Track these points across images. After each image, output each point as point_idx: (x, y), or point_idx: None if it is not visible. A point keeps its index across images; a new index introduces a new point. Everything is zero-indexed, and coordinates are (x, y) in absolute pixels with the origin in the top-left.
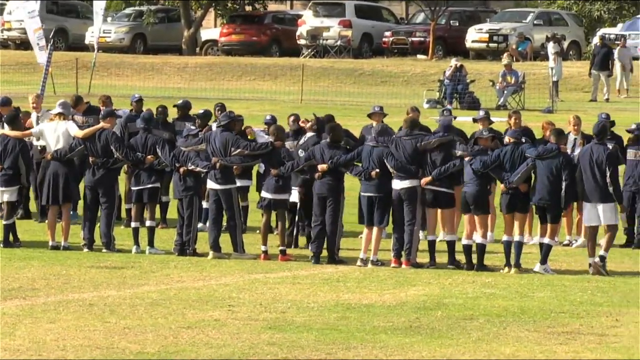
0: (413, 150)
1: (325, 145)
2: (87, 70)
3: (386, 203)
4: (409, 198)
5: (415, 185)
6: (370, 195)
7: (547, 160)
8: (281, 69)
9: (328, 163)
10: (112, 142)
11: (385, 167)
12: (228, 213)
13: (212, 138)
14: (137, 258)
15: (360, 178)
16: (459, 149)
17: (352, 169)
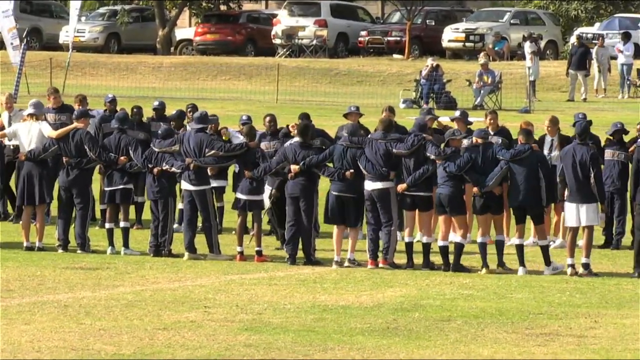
0: (386, 153)
1: (297, 146)
2: (62, 70)
3: (359, 203)
4: (381, 200)
5: (388, 187)
6: (343, 195)
7: (521, 161)
8: (256, 68)
9: (300, 164)
10: (85, 142)
11: (358, 168)
12: (203, 214)
13: (185, 138)
14: (112, 259)
15: (333, 179)
16: (431, 151)
17: (325, 170)
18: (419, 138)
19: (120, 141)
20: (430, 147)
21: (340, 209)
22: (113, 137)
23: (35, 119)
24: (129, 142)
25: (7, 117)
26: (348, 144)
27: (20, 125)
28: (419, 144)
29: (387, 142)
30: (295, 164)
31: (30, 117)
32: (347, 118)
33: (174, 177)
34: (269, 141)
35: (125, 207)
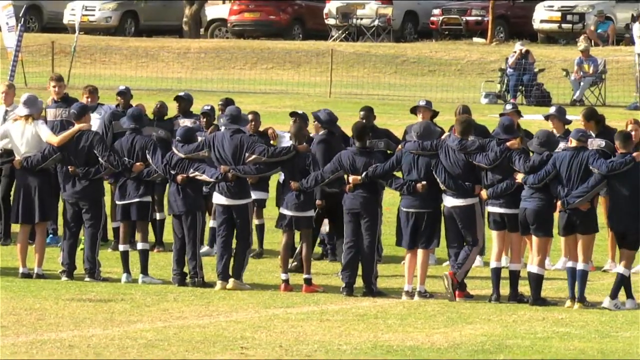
0: (468, 165)
1: (354, 152)
2: (66, 57)
3: (434, 221)
4: (465, 218)
5: (473, 203)
6: (415, 212)
7: (622, 175)
8: (305, 55)
9: (362, 174)
10: (95, 144)
11: (432, 179)
12: (241, 233)
13: (218, 142)
14: (127, 289)
15: (402, 192)
16: (519, 166)
17: (392, 181)
18: (502, 150)
19: (134, 143)
20: (518, 160)
21: (413, 228)
22: (125, 138)
23: (30, 120)
24: (145, 144)
25: (3, 113)
26: (419, 151)
27: (13, 127)
28: (503, 156)
29: (466, 153)
30: (354, 173)
31: (25, 119)
32: (416, 115)
33: (201, 187)
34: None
35: (143, 225)
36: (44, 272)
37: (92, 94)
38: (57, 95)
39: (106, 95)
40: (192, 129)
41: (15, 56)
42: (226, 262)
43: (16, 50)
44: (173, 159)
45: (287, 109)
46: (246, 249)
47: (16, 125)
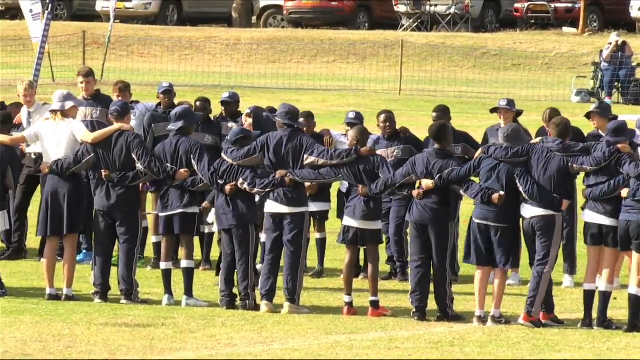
0: (562, 170)
1: (431, 154)
2: (99, 49)
3: (512, 237)
4: (543, 229)
5: (555, 215)
6: (488, 225)
7: None
8: (372, 46)
9: (435, 179)
10: (133, 148)
11: (514, 188)
12: (292, 246)
13: (273, 142)
14: (169, 312)
15: (477, 200)
16: (631, 170)
17: (467, 187)
18: (612, 151)
19: (178, 147)
20: (628, 164)
21: (482, 243)
22: (169, 141)
23: (63, 117)
24: (190, 148)
25: (27, 114)
26: (508, 159)
27: (43, 126)
28: (611, 158)
29: (566, 155)
30: (428, 177)
31: (56, 114)
32: (498, 115)
33: (254, 198)
34: (386, 147)
35: (188, 240)
36: (74, 293)
37: (124, 92)
38: (87, 92)
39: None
40: (245, 131)
41: (42, 48)
42: (274, 281)
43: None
44: (221, 166)
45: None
46: (298, 267)
47: (47, 125)
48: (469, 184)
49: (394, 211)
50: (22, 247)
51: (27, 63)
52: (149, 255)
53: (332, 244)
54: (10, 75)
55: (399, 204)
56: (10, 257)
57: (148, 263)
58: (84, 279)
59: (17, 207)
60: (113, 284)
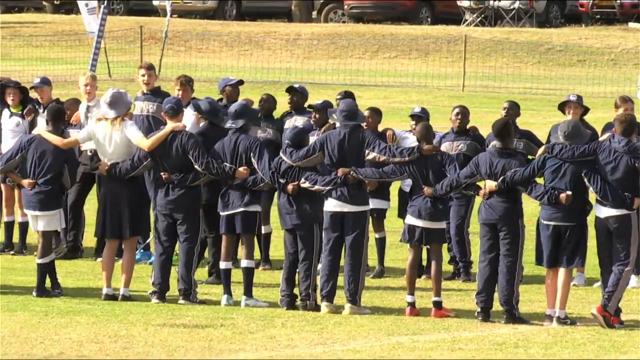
0: (630, 170)
1: (494, 153)
2: (157, 44)
3: (579, 236)
4: (620, 229)
5: (630, 214)
6: (556, 225)
7: None
8: (435, 42)
9: (498, 181)
10: (189, 149)
11: (579, 187)
12: (353, 246)
13: (333, 140)
14: (228, 313)
15: (543, 202)
16: None
17: (532, 188)
18: None
19: (237, 145)
20: None
21: (555, 244)
22: (228, 139)
23: (117, 122)
24: (250, 145)
25: (85, 109)
26: (574, 159)
27: (98, 127)
28: None
29: (634, 156)
30: (492, 177)
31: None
32: (564, 112)
33: (318, 197)
34: (452, 141)
35: (248, 240)
36: (131, 293)
37: (185, 87)
38: (147, 86)
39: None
40: (303, 130)
41: (98, 43)
42: (334, 282)
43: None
44: (282, 165)
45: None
46: (361, 266)
47: (101, 127)
48: (534, 186)
49: (454, 210)
50: (77, 246)
51: (83, 58)
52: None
53: (395, 243)
54: (65, 70)
55: (458, 203)
56: (66, 256)
57: (206, 262)
58: (141, 279)
59: (72, 205)
60: (172, 283)
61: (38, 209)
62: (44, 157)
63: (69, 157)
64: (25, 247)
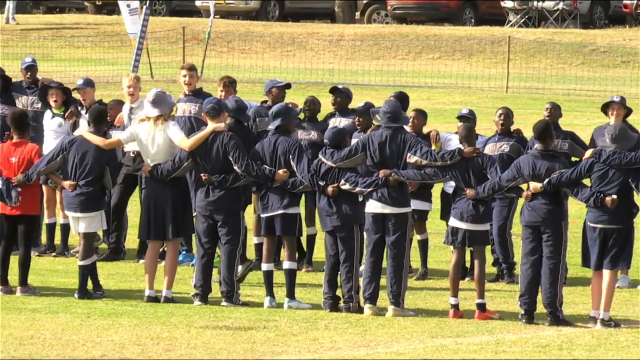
0: None
1: (537, 156)
2: (199, 45)
3: (625, 239)
4: None
5: None
6: (603, 228)
7: None
8: (478, 43)
9: (544, 183)
10: (229, 150)
11: (626, 190)
12: (396, 248)
13: (375, 141)
14: (271, 315)
15: (589, 204)
16: None
17: (578, 190)
18: None
19: (276, 147)
20: None
21: (601, 247)
22: (267, 140)
23: (160, 121)
24: (289, 147)
25: (128, 110)
26: (614, 159)
27: (141, 128)
28: None
29: None
30: (535, 179)
31: (154, 120)
32: (607, 114)
33: (357, 199)
34: (496, 142)
35: (290, 242)
36: (174, 295)
37: (228, 88)
38: (189, 87)
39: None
40: (342, 131)
41: (140, 44)
42: (377, 284)
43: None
44: (322, 167)
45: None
46: (403, 268)
47: (144, 127)
48: (580, 188)
49: (497, 212)
50: (120, 248)
51: (125, 59)
52: (250, 256)
53: (438, 245)
54: (107, 71)
55: (501, 205)
56: (108, 258)
57: (250, 265)
58: (184, 281)
59: (114, 207)
60: (214, 285)
61: (79, 210)
62: (85, 158)
63: (110, 158)
64: (67, 248)
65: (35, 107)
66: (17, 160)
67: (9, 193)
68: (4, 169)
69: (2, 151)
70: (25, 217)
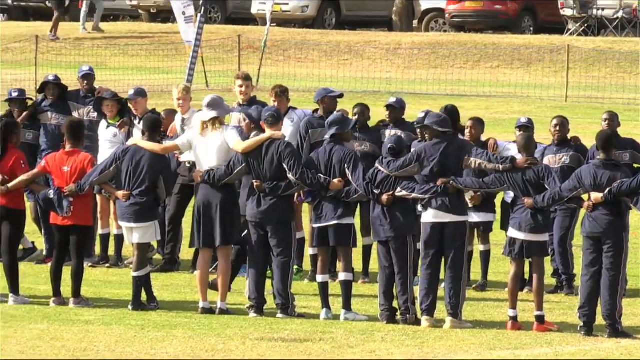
0: None
1: (598, 165)
2: (255, 53)
3: None
4: None
5: None
6: None
7: None
8: (537, 51)
9: (605, 192)
10: (284, 157)
11: None
12: (453, 258)
13: (430, 150)
14: (327, 327)
15: None
16: None
17: (638, 200)
18: None
19: (332, 156)
20: None
21: None
22: (322, 149)
23: (217, 125)
24: (344, 156)
25: (181, 121)
26: None
27: (196, 134)
28: None
29: None
30: (596, 189)
31: (211, 122)
32: None
33: (412, 208)
34: (555, 153)
35: (345, 252)
36: (228, 306)
37: (281, 97)
38: (244, 96)
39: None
40: (402, 139)
41: (195, 52)
42: (434, 296)
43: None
44: (378, 176)
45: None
46: (462, 279)
47: (199, 133)
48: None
49: (558, 222)
50: (174, 259)
51: (180, 68)
52: (306, 267)
53: (497, 256)
54: (162, 80)
55: (563, 215)
56: (163, 269)
57: (305, 276)
58: (239, 292)
59: (171, 218)
60: (269, 297)
61: (133, 220)
62: (138, 167)
63: (164, 167)
64: (121, 259)
65: (91, 116)
66: (70, 170)
67: (60, 203)
68: (56, 178)
69: (54, 160)
70: (77, 228)
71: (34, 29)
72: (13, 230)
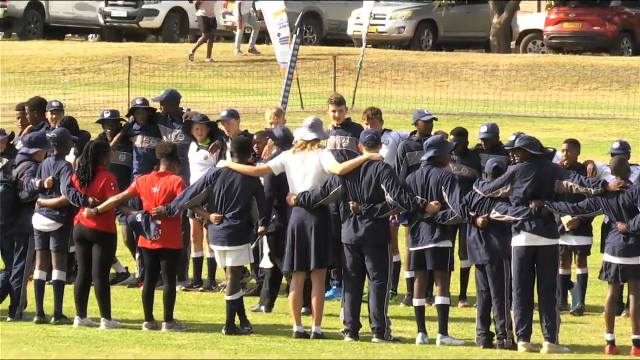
0: None
1: None
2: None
3: None
4: None
5: None
6: None
7: None
8: (636, 73)
9: None
10: (382, 178)
11: None
12: (547, 281)
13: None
14: (423, 351)
15: None
16: None
17: None
18: None
19: (428, 178)
20: None
21: None
22: (419, 172)
23: (314, 147)
24: (441, 179)
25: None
26: None
27: (290, 156)
28: None
29: None
30: None
31: (310, 144)
32: None
33: (507, 231)
34: None
35: (442, 276)
36: (323, 331)
37: (372, 119)
38: (338, 120)
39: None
40: (499, 163)
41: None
42: (530, 320)
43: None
44: (474, 198)
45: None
46: (557, 302)
47: (295, 155)
48: None
49: None
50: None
51: (275, 89)
52: (401, 291)
53: (593, 279)
54: (256, 102)
55: None
56: (256, 293)
57: (401, 299)
58: (334, 316)
59: None
60: (364, 321)
61: (226, 244)
62: (231, 190)
63: (257, 189)
64: (214, 283)
65: (179, 139)
66: (159, 191)
67: (147, 226)
68: (145, 199)
69: (145, 181)
70: (167, 251)
71: (126, 50)
72: (104, 254)
